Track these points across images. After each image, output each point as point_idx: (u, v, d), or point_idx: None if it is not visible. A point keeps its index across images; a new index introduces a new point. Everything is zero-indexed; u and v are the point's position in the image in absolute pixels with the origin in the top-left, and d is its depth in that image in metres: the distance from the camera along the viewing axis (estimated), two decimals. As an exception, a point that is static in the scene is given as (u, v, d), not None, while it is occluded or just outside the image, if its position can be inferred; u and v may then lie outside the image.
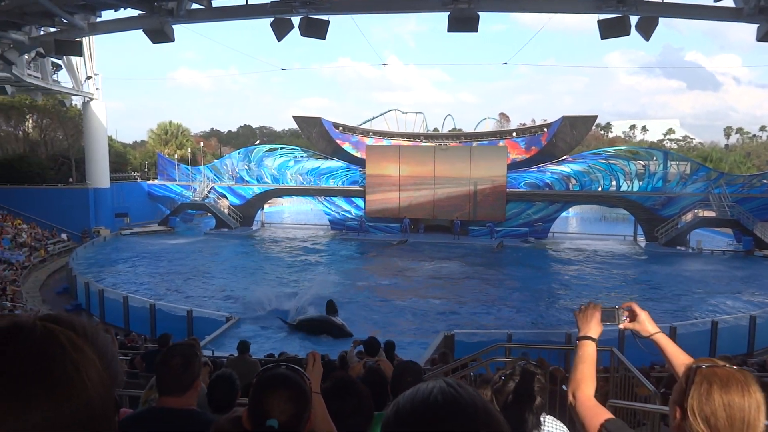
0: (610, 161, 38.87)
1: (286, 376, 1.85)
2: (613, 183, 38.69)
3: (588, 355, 2.15)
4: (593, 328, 2.22)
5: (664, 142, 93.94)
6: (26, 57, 23.64)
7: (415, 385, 1.00)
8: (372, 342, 7.45)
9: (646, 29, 11.79)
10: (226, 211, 43.49)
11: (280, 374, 1.86)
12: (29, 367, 0.74)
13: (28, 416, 0.72)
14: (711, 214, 35.59)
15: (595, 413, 1.96)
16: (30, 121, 51.82)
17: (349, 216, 42.52)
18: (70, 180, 45.05)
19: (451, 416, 0.91)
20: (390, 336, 12.01)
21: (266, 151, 45.44)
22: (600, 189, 38.85)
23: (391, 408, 0.98)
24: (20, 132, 51.94)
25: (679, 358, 2.11)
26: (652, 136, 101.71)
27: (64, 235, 36.31)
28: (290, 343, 16.65)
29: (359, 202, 42.18)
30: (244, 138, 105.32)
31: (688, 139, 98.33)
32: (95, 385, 0.77)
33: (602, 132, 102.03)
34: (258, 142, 73.84)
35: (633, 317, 2.28)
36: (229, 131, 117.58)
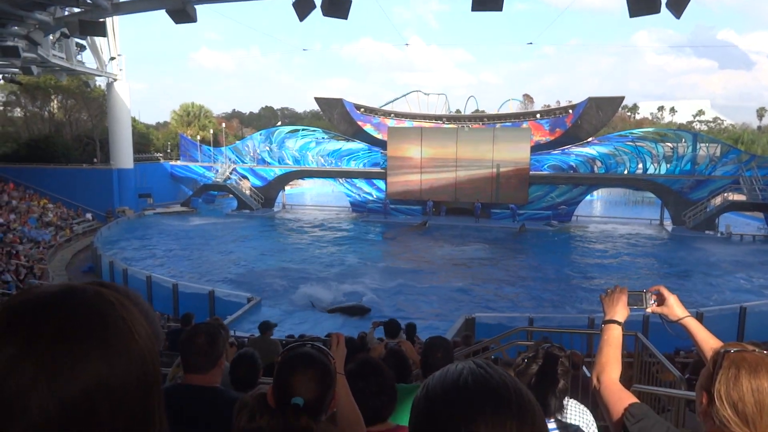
0: (637, 143, 38.22)
1: (312, 356, 1.87)
2: (640, 166, 38.07)
3: (613, 338, 2.14)
4: (619, 311, 2.20)
5: (694, 124, 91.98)
6: (51, 38, 23.92)
7: (445, 364, 1.00)
8: (393, 324, 7.50)
9: (678, 6, 11.47)
10: (247, 192, 43.79)
11: (306, 353, 1.88)
12: (86, 324, 0.79)
13: (91, 369, 0.77)
14: (741, 197, 34.84)
15: (620, 397, 1.95)
16: (55, 101, 52.58)
17: (371, 198, 42.56)
18: (95, 160, 45.77)
19: (483, 398, 0.91)
20: (411, 319, 12.06)
21: (288, 132, 45.48)
22: (626, 172, 38.25)
23: (421, 390, 0.98)
24: (45, 112, 52.76)
25: (709, 343, 2.09)
26: (681, 117, 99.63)
27: (89, 215, 37.00)
28: (312, 326, 16.85)
29: (380, 184, 42.15)
30: (266, 119, 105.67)
31: (719, 121, 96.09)
32: (144, 340, 0.84)
33: (629, 113, 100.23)
34: (279, 123, 74.06)
35: (661, 301, 2.26)
36: (251, 113, 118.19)
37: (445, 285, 21.75)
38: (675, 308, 2.23)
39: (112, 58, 39.69)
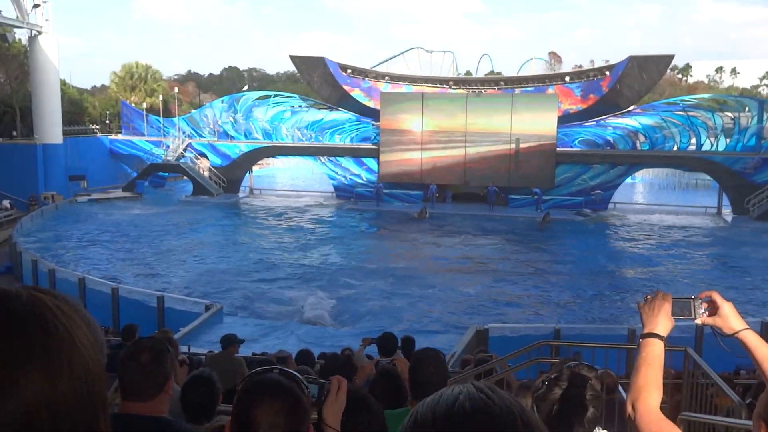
0: (689, 113, 38.39)
1: (281, 384, 1.83)
2: (693, 141, 38.27)
3: (653, 356, 2.14)
4: (661, 323, 2.20)
5: (760, 89, 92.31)
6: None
7: (437, 381, 0.99)
8: (387, 339, 7.51)
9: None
10: (206, 173, 43.73)
11: (273, 380, 1.84)
12: (25, 332, 0.83)
13: (32, 380, 0.81)
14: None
15: (659, 428, 1.95)
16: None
17: (359, 181, 42.62)
18: (14, 134, 45.44)
19: (482, 428, 0.89)
20: (409, 331, 12.10)
21: (256, 99, 45.40)
22: (675, 148, 38.45)
23: (409, 419, 0.96)
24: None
25: (771, 362, 2.08)
26: (745, 80, 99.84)
27: (6, 202, 36.77)
28: (283, 342, 16.87)
29: (371, 163, 42.17)
30: (229, 83, 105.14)
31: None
32: (87, 348, 0.88)
33: (680, 76, 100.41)
34: (246, 88, 73.73)
35: (714, 310, 2.26)
36: (210, 74, 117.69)
37: (451, 289, 21.83)
38: (730, 319, 2.22)
39: (36, 6, 39.36)
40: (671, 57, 39.47)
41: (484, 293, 21.46)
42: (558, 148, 38.83)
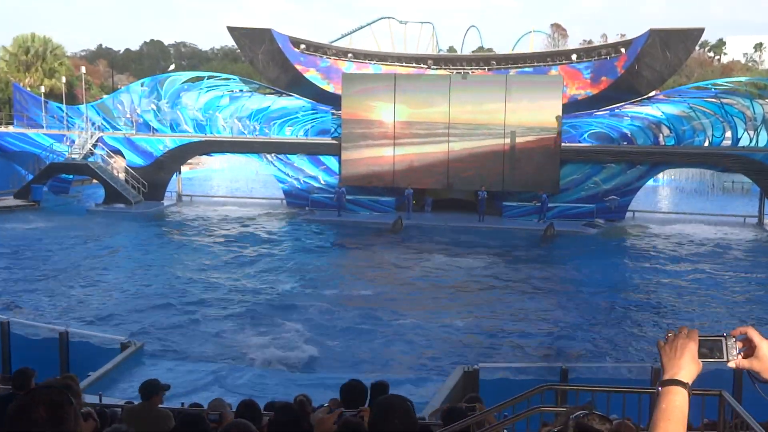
0: (723, 100, 39.06)
1: None
2: (728, 134, 38.91)
3: (675, 408, 2.16)
4: (685, 367, 2.22)
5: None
6: None
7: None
8: (353, 387, 7.49)
9: None
10: (121, 176, 43.42)
11: None
12: None
13: None
14: None
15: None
16: None
17: (316, 185, 42.64)
18: None
19: None
20: (381, 374, 12.07)
21: (186, 81, 45.29)
22: (707, 143, 39.02)
23: None
24: None
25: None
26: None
27: None
28: (226, 387, 16.72)
29: (331, 162, 42.24)
30: (151, 61, 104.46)
31: None
32: None
33: (711, 54, 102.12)
34: (172, 67, 73.33)
35: (750, 350, 2.27)
36: (127, 50, 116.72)
37: (432, 320, 21.74)
38: (769, 361, 2.24)
39: None
40: (701, 31, 40.08)
41: (473, 325, 21.44)
42: (563, 144, 39.17)
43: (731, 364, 2.28)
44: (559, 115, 38.73)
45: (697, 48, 52.50)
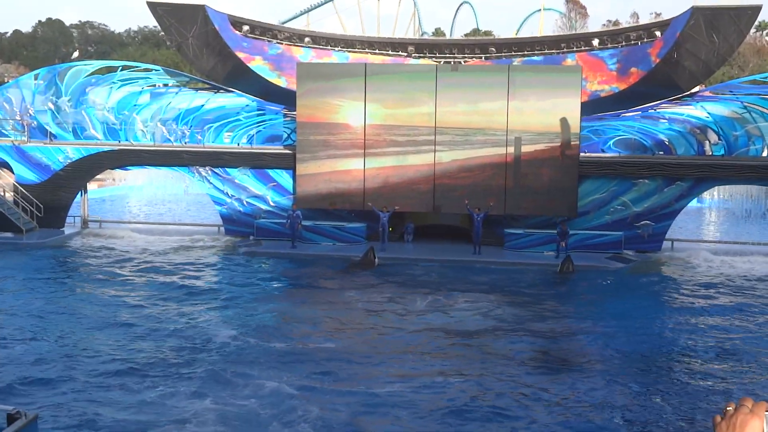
0: (786, 98, 39.39)
1: None
2: (794, 142, 39.21)
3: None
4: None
5: None
6: None
7: None
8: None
9: None
10: (8, 196, 43.25)
11: None
12: None
13: None
14: None
15: None
16: None
17: (264, 207, 42.76)
18: None
19: None
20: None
21: (93, 73, 45.29)
22: (766, 153, 39.37)
23: None
24: None
25: None
26: None
27: None
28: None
29: (283, 179, 42.35)
30: (48, 47, 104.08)
31: None
32: None
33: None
34: (76, 55, 73.22)
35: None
36: (17, 32, 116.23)
37: (415, 386, 21.61)
38: None
39: None
40: (758, 9, 40.47)
41: (468, 393, 21.29)
42: (582, 154, 39.43)
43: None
44: (578, 116, 38.95)
45: (753, 31, 52.92)
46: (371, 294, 32.00)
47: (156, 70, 46.14)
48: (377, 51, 42.44)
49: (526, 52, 41.44)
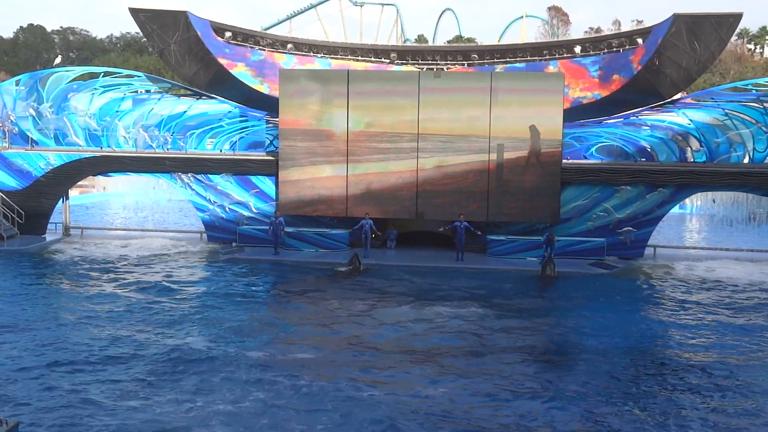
0: (767, 104, 39.55)
1: None
2: (774, 148, 39.29)
3: None
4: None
5: None
6: None
7: None
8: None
9: None
10: (-11, 203, 42.80)
11: None
12: None
13: None
14: None
15: None
16: None
17: (247, 214, 42.76)
18: None
19: None
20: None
21: (75, 80, 45.09)
22: (747, 160, 39.48)
23: None
24: None
25: None
26: None
27: None
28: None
29: (266, 185, 42.31)
30: (29, 53, 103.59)
31: None
32: None
33: (751, 47, 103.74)
34: (58, 61, 72.80)
35: None
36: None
37: (401, 396, 21.46)
38: None
39: None
40: (739, 16, 40.51)
41: (450, 398, 21.21)
42: (565, 161, 39.46)
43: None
44: (560, 123, 38.99)
45: (733, 38, 53.14)
46: (354, 301, 31.87)
47: (138, 77, 45.91)
48: (360, 57, 42.36)
49: (508, 59, 41.42)
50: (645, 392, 22.01)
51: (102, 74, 45.60)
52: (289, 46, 42.35)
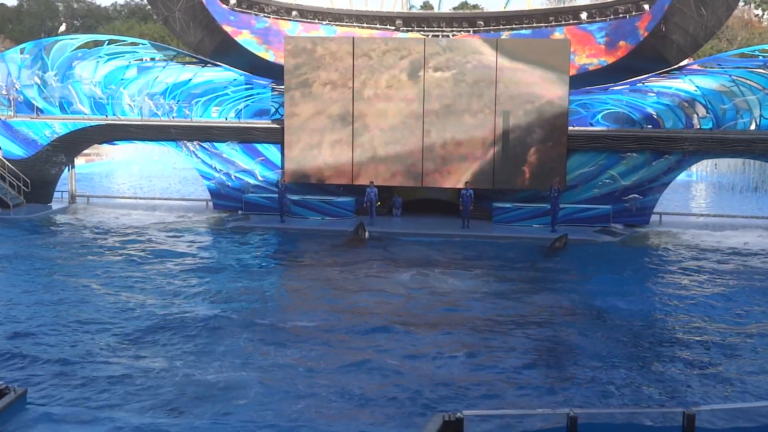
0: (775, 72, 39.42)
1: None
2: (781, 114, 39.29)
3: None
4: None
5: None
6: None
7: None
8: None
9: None
10: (-7, 172, 42.93)
11: None
12: None
13: None
14: None
15: None
16: None
17: (252, 182, 42.86)
18: None
19: None
20: (333, 425, 12.00)
21: (79, 48, 45.06)
22: (753, 126, 39.51)
23: None
24: None
25: None
26: None
27: None
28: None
29: (271, 153, 42.42)
30: (34, 21, 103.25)
31: None
32: None
33: (759, 12, 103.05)
34: (63, 29, 72.85)
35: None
36: (2, 6, 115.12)
37: (401, 355, 21.70)
38: None
39: None
40: (745, -18, 40.46)
41: (456, 363, 21.38)
42: (570, 128, 39.54)
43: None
44: (566, 90, 39.01)
45: (741, 4, 53.02)
46: (361, 268, 32.01)
47: (143, 44, 45.92)
48: (365, 24, 42.23)
49: (514, 26, 41.27)
50: (645, 350, 22.39)
51: (106, 42, 45.57)
52: (294, 13, 42.20)
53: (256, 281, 30.49)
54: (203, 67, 43.38)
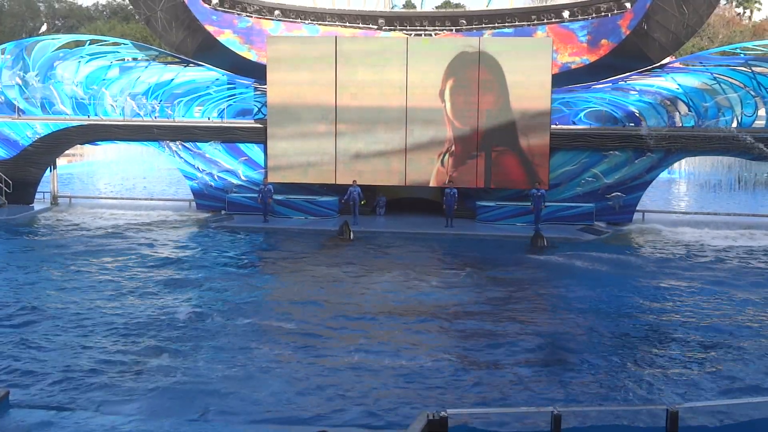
0: (756, 69, 39.62)
1: None
2: (761, 112, 39.50)
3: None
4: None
5: None
6: None
7: None
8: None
9: None
10: (-25, 173, 42.77)
11: None
12: None
13: None
14: None
15: None
16: None
17: (235, 182, 42.87)
18: None
19: None
20: (315, 423, 11.97)
21: (61, 48, 45.04)
22: (735, 124, 39.59)
23: None
24: None
25: None
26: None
27: None
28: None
29: (254, 153, 42.44)
30: (14, 21, 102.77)
31: None
32: None
33: (740, 11, 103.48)
34: (44, 29, 72.59)
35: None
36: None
37: (386, 354, 21.70)
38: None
39: None
40: (727, -19, 40.62)
41: (440, 362, 21.35)
42: (553, 126, 39.66)
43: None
44: (548, 89, 39.10)
45: (722, 2, 53.20)
46: (344, 268, 32.03)
47: (125, 44, 45.79)
48: (347, 24, 42.26)
49: (496, 25, 41.37)
50: (628, 349, 22.46)
51: (88, 42, 45.47)
52: (277, 12, 42.19)
53: (238, 281, 30.44)
54: (185, 66, 43.34)
